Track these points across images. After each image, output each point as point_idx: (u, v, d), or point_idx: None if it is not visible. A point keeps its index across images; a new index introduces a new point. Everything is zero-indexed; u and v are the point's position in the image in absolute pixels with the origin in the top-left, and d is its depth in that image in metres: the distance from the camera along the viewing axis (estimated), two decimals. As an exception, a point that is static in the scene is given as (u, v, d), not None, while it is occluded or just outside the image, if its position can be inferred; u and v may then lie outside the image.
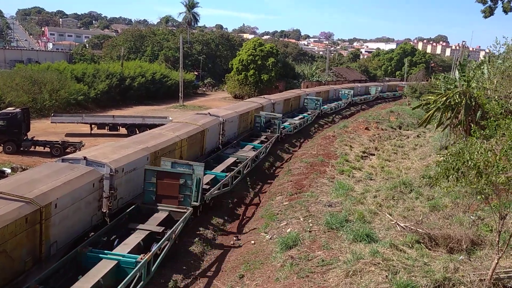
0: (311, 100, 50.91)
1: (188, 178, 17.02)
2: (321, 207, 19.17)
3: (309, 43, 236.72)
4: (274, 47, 70.62)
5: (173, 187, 16.99)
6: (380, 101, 78.07)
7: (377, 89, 78.66)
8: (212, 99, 66.14)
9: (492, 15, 34.81)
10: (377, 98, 77.54)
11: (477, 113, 24.47)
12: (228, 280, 14.77)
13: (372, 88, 79.63)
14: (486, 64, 26.85)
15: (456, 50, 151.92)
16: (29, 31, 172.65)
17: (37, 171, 15.07)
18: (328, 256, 14.09)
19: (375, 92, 77.72)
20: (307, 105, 50.52)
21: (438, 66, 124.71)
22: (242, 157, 26.24)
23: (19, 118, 27.50)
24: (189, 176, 17.08)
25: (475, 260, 13.43)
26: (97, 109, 48.47)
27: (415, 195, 20.55)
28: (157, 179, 16.95)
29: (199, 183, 17.51)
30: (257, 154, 27.84)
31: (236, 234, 19.37)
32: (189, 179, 17.02)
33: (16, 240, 11.39)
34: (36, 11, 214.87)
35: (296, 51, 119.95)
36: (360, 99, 70.69)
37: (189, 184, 17.02)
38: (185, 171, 17.23)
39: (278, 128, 35.04)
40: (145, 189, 17.20)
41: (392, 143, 36.45)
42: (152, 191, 17.02)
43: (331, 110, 54.86)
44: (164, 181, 16.99)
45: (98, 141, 29.19)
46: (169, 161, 17.95)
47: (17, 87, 42.02)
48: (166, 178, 17.05)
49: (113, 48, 79.13)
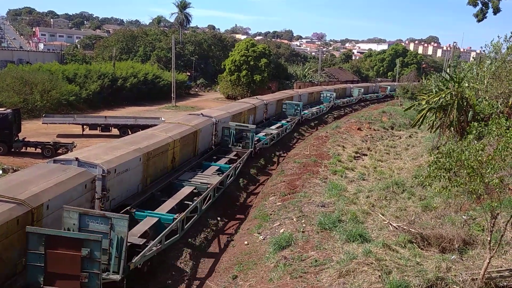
0: (290, 105, 45.34)
1: (96, 247, 11.01)
2: (314, 207, 19.19)
3: (301, 44, 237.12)
4: (266, 48, 70.64)
5: (72, 260, 11.00)
6: (364, 103, 73.66)
7: (360, 91, 73.82)
8: (204, 99, 66.04)
9: (485, 18, 35.20)
10: (360, 100, 73.30)
11: (468, 114, 24.64)
12: (222, 281, 14.74)
13: (354, 90, 74.79)
14: (476, 66, 27.08)
15: (447, 51, 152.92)
16: (20, 32, 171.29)
17: (28, 172, 14.96)
18: (321, 256, 14.11)
19: (358, 94, 73.35)
20: (285, 111, 44.88)
21: (429, 66, 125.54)
22: (200, 186, 20.63)
23: (10, 119, 27.26)
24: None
25: (467, 259, 13.51)
26: (89, 110, 48.18)
27: (408, 195, 20.63)
28: (46, 249, 10.99)
29: (121, 245, 12.04)
30: (222, 179, 22.13)
31: (229, 235, 19.34)
32: (97, 249, 11.03)
33: (7, 242, 11.27)
34: (27, 11, 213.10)
35: (289, 52, 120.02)
36: (343, 102, 66.57)
37: (97, 257, 11.06)
38: (90, 237, 11.11)
39: (251, 142, 28.87)
40: (28, 263, 11.22)
41: (385, 143, 36.62)
42: (39, 268, 11.08)
43: (312, 115, 50.32)
44: (58, 252, 11.00)
45: (90, 142, 29.01)
46: (75, 212, 12.12)
47: (8, 87, 41.67)
48: (61, 247, 11.02)
49: (105, 48, 78.74)
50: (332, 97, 60.70)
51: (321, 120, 52.46)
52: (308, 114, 49.16)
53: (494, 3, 32.78)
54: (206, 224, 19.49)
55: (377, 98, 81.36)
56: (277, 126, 39.39)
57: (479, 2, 33.47)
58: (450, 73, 28.71)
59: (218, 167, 24.38)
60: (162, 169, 21.28)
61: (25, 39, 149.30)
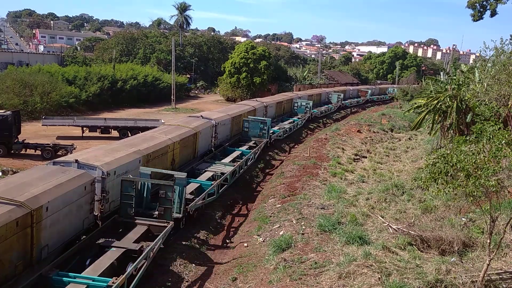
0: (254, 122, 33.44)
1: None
2: (313, 209, 19.19)
3: (301, 46, 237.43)
4: (266, 50, 70.73)
5: None
6: (343, 111, 63.30)
7: (339, 97, 62.93)
8: (204, 102, 66.08)
9: (481, 19, 35.46)
10: (340, 108, 62.78)
11: (467, 116, 24.68)
12: (221, 283, 14.72)
13: (333, 95, 63.58)
14: (477, 68, 27.13)
15: (447, 54, 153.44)
16: (20, 34, 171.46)
17: (28, 174, 14.95)
18: (321, 258, 14.10)
19: (337, 101, 62.50)
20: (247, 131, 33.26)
21: (429, 69, 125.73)
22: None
23: (9, 120, 27.28)
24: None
25: (466, 262, 13.53)
26: (89, 112, 48.24)
27: (407, 197, 20.64)
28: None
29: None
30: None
31: (229, 237, 19.33)
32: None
33: (6, 243, 11.25)
34: (27, 13, 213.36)
35: (288, 54, 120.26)
36: (321, 111, 54.84)
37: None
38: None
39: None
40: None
41: (384, 145, 36.64)
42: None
43: (279, 137, 36.90)
44: None
45: (89, 144, 28.99)
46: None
47: (8, 89, 41.73)
48: None
49: (104, 50, 78.80)
50: (308, 107, 49.11)
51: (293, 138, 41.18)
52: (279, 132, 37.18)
53: (492, 6, 32.99)
54: (210, 219, 19.52)
55: (358, 104, 72.27)
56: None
57: (477, 5, 33.70)
58: (449, 74, 28.77)
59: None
60: (162, 171, 21.20)
61: (25, 41, 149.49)
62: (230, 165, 24.64)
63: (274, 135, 35.73)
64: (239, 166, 24.97)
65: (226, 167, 24.13)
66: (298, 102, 49.89)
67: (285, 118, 44.98)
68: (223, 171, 23.19)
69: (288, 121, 43.83)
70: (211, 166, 24.30)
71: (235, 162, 25.97)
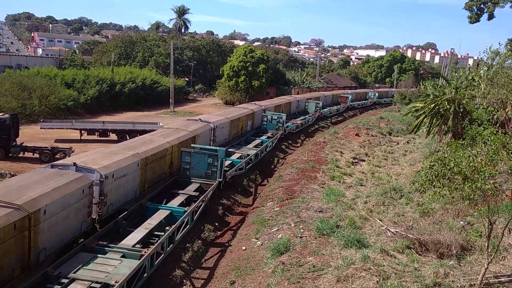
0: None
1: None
2: (312, 213, 19.20)
3: (299, 49, 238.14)
4: (264, 54, 70.82)
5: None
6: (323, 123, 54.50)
7: (318, 105, 54.39)
8: (203, 105, 66.10)
9: (478, 21, 35.71)
10: (318, 118, 53.95)
11: (464, 120, 24.73)
12: (219, 286, 14.70)
13: (310, 104, 54.92)
14: (475, 72, 27.25)
15: (445, 57, 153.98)
16: (19, 37, 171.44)
17: (26, 177, 14.90)
18: (319, 261, 14.10)
19: (315, 110, 54.07)
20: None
21: (427, 73, 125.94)
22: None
23: (8, 123, 27.21)
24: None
25: (465, 265, 13.53)
26: (87, 115, 48.17)
27: (405, 200, 20.67)
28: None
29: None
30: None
31: (227, 241, 19.31)
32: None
33: (4, 247, 11.23)
34: (26, 16, 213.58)
35: (287, 58, 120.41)
36: (297, 125, 44.90)
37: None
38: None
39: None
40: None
41: (382, 149, 36.68)
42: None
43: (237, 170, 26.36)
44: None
45: (88, 147, 29.00)
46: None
47: (6, 92, 41.62)
48: None
49: (103, 54, 78.75)
50: (280, 120, 39.00)
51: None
52: None
53: (489, 9, 33.16)
54: (213, 215, 19.51)
55: (338, 112, 62.73)
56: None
57: (475, 8, 33.90)
58: (447, 79, 28.85)
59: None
60: (160, 174, 21.27)
61: (23, 44, 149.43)
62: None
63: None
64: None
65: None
66: (268, 116, 39.44)
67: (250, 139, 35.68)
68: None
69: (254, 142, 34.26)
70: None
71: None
